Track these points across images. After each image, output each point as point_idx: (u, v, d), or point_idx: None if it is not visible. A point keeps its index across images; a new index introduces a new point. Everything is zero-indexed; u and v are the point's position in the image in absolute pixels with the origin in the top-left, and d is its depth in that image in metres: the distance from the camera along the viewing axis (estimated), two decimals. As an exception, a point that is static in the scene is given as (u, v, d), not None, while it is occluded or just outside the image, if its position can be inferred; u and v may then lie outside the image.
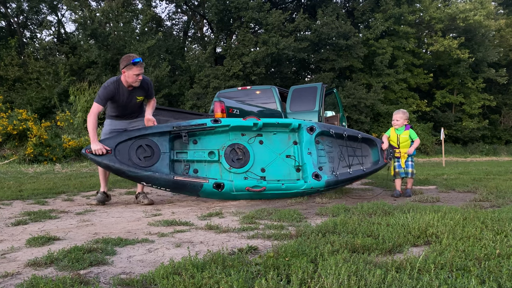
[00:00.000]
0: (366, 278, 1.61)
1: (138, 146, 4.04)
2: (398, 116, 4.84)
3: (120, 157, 3.93)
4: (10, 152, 11.08)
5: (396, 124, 4.85)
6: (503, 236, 2.31)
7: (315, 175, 4.45)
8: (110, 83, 4.00)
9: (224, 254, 2.03)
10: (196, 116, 6.70)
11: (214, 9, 19.57)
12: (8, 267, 1.99)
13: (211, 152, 4.39)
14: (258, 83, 18.44)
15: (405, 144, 4.80)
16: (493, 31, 25.31)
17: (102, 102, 3.98)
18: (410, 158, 4.79)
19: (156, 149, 4.11)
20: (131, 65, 3.87)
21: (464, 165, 12.84)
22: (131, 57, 3.91)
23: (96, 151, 3.81)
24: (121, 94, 4.03)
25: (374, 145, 5.14)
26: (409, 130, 4.83)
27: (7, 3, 20.12)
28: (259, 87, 8.70)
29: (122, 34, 17.74)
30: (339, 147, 4.92)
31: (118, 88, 4.01)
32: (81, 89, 15.42)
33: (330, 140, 4.91)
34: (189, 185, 4.07)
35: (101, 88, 4.01)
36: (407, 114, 4.90)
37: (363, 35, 22.13)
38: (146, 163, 4.02)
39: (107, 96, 3.98)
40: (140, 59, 3.90)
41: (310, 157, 4.57)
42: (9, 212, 3.72)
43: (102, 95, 3.97)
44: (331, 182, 4.53)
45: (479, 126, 24.74)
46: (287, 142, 4.72)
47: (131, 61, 3.85)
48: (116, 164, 3.87)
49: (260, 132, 4.64)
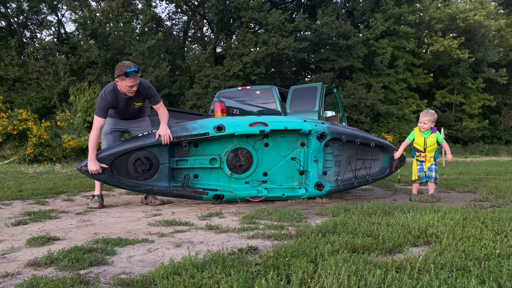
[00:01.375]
0: (366, 278, 1.61)
1: (136, 159, 3.94)
2: (426, 119, 4.44)
3: (118, 172, 3.89)
4: (10, 152, 11.09)
5: (423, 127, 4.46)
6: (503, 236, 2.31)
7: (317, 185, 4.38)
8: (107, 93, 3.85)
9: (224, 254, 2.03)
10: (196, 116, 6.70)
11: (214, 9, 19.57)
12: (8, 267, 1.99)
13: (213, 159, 4.25)
14: (258, 83, 18.44)
15: (432, 148, 4.48)
16: (493, 31, 25.32)
17: (103, 114, 3.85)
18: (434, 162, 4.53)
19: (155, 161, 4.00)
20: (123, 76, 3.68)
21: (464, 165, 12.84)
22: (124, 67, 3.68)
23: (93, 171, 3.75)
24: (119, 102, 3.93)
25: (387, 151, 4.80)
26: (436, 133, 4.50)
27: (7, 3, 20.13)
28: (259, 87, 8.70)
29: (122, 34, 17.75)
30: (349, 151, 4.64)
31: (116, 97, 3.89)
32: (81, 89, 15.42)
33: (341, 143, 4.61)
34: (188, 196, 4.15)
35: (99, 99, 3.86)
36: (435, 116, 4.51)
37: (363, 35, 22.14)
38: (144, 175, 3.96)
39: (106, 107, 3.87)
40: (135, 69, 3.67)
41: (315, 165, 4.43)
42: (9, 212, 3.72)
43: (100, 106, 3.84)
44: (334, 189, 4.49)
45: (479, 126, 24.75)
46: (294, 144, 4.51)
47: (123, 72, 3.65)
48: (113, 181, 3.87)
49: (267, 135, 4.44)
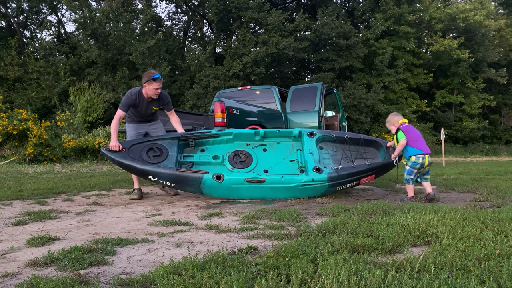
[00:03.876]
0: (366, 278, 1.61)
1: (150, 148, 4.53)
2: (388, 125, 4.62)
3: (132, 155, 4.38)
4: (10, 152, 11.08)
5: (393, 132, 4.58)
6: (503, 236, 2.31)
7: (316, 169, 4.42)
8: (133, 94, 4.63)
9: (224, 254, 2.03)
10: (196, 116, 6.72)
11: (214, 9, 19.56)
12: (8, 267, 1.99)
13: (216, 156, 4.70)
14: (258, 83, 18.43)
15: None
16: (493, 31, 25.29)
17: (125, 109, 4.62)
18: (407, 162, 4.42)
19: (164, 150, 4.56)
20: (151, 81, 4.51)
21: (464, 165, 12.84)
22: (151, 73, 4.54)
23: (112, 147, 4.38)
24: (141, 103, 4.69)
25: (380, 146, 5.02)
26: (397, 133, 4.49)
27: (7, 3, 20.11)
28: (259, 87, 8.69)
29: (122, 34, 17.73)
30: (344, 151, 4.89)
31: (139, 98, 4.65)
32: (81, 89, 15.42)
33: (334, 145, 4.99)
34: (190, 177, 4.20)
35: (125, 96, 4.65)
36: (391, 117, 4.59)
37: (363, 35, 22.11)
38: (154, 160, 4.43)
39: (129, 104, 4.62)
40: (160, 76, 4.57)
41: (311, 156, 4.61)
42: (9, 212, 3.72)
43: (125, 102, 4.61)
44: (333, 175, 4.40)
45: (479, 126, 24.72)
46: (291, 150, 4.91)
47: (152, 77, 4.49)
48: (127, 161, 4.27)
49: (264, 142, 4.91)
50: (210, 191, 4.34)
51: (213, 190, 4.32)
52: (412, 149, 4.36)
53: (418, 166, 4.34)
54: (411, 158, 4.36)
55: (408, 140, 4.39)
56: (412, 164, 4.34)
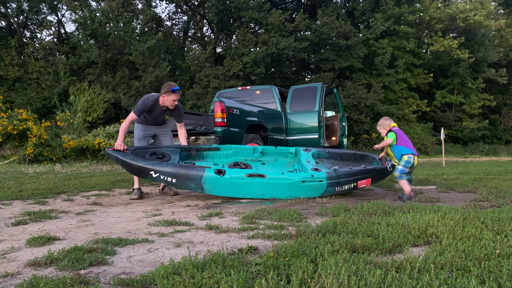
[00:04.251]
0: (366, 278, 1.61)
1: (153, 152, 4.76)
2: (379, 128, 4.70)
3: (136, 156, 4.48)
4: (10, 152, 11.09)
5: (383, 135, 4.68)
6: (503, 236, 2.31)
7: (314, 169, 4.66)
8: (150, 101, 4.73)
9: (224, 254, 2.03)
10: (196, 116, 6.72)
11: (214, 9, 19.55)
12: (8, 267, 1.99)
13: (216, 164, 5.02)
14: (258, 83, 18.42)
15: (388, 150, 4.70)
16: (493, 31, 25.30)
17: (138, 113, 4.74)
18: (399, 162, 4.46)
19: (167, 156, 4.79)
20: (170, 92, 4.67)
21: (464, 165, 12.84)
22: (171, 85, 4.70)
23: (117, 146, 4.49)
24: (155, 110, 4.81)
25: (373, 159, 5.34)
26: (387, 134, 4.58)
27: (7, 3, 20.12)
28: (259, 87, 8.69)
29: (122, 34, 17.72)
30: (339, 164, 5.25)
31: (154, 106, 4.77)
32: (81, 89, 15.43)
33: (330, 161, 5.46)
34: (191, 172, 4.25)
35: (141, 101, 4.74)
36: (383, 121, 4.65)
37: (363, 35, 22.11)
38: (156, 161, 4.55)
39: (143, 110, 4.74)
40: (178, 88, 4.75)
41: (309, 163, 4.93)
42: (9, 212, 3.72)
43: (140, 108, 4.72)
44: (332, 174, 4.52)
45: (479, 126, 24.73)
46: (288, 166, 5.32)
47: (171, 89, 4.66)
48: (130, 159, 4.35)
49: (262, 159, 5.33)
50: (211, 187, 4.31)
51: (214, 186, 4.31)
52: (404, 148, 4.48)
53: (410, 165, 4.44)
54: (403, 157, 4.44)
55: (399, 140, 4.53)
56: (405, 164, 4.43)
